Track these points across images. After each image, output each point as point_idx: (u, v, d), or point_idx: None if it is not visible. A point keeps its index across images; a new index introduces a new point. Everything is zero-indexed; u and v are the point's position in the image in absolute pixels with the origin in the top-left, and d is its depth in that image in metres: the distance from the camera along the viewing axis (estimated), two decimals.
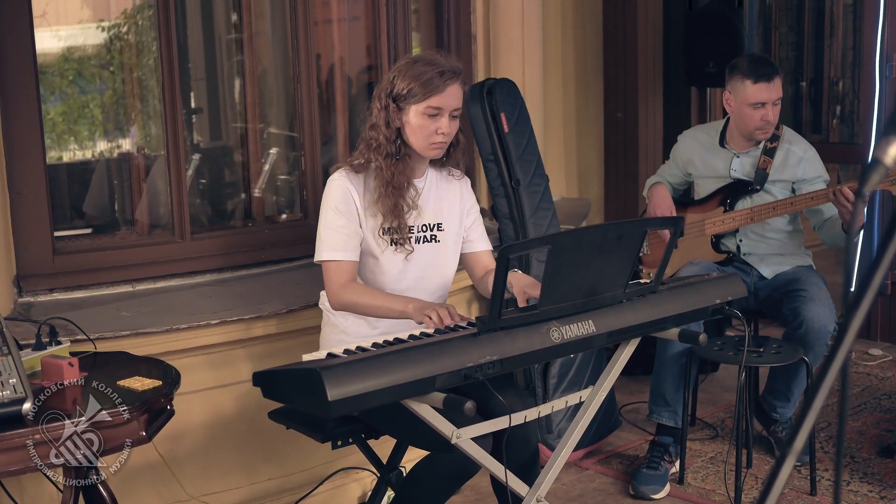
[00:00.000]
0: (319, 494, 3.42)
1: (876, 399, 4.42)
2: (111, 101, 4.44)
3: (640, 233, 2.53)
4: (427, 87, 2.71)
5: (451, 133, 2.78)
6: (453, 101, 2.75)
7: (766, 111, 3.70)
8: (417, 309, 2.59)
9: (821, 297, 3.60)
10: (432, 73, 2.71)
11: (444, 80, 2.72)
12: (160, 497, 3.12)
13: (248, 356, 3.26)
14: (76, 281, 3.22)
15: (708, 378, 4.72)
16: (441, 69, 2.72)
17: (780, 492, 1.06)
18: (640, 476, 3.62)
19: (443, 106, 2.73)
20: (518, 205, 3.90)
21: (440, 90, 2.71)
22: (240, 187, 4.10)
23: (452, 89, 2.74)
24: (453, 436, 2.39)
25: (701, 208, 3.93)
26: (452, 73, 2.74)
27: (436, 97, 2.72)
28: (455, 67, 2.77)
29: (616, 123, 5.39)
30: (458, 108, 2.78)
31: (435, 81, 2.71)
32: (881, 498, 3.44)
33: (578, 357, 3.84)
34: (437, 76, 2.71)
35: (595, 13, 5.32)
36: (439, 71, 2.72)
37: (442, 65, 2.74)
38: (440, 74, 2.71)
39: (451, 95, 2.74)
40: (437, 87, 2.71)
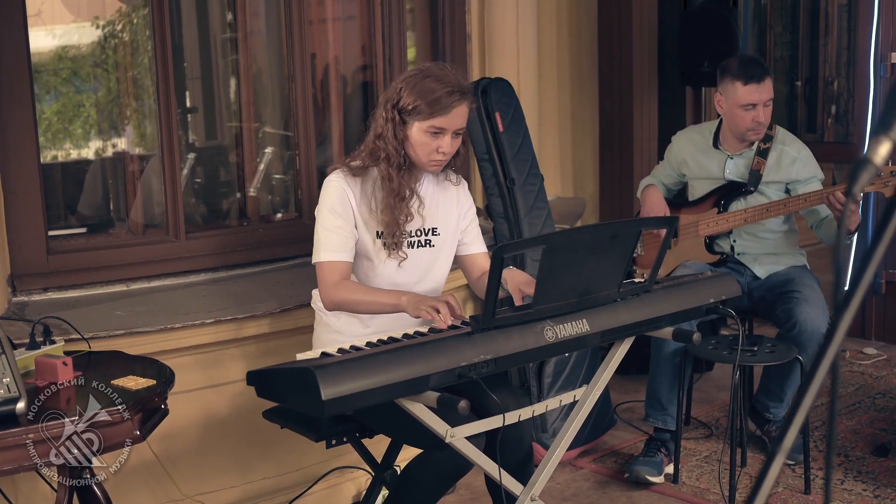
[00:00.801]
0: (314, 493, 3.42)
1: (870, 398, 4.43)
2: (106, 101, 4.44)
3: (634, 233, 2.53)
4: (433, 106, 2.67)
5: (451, 152, 2.77)
6: (458, 122, 2.72)
7: (757, 112, 3.71)
8: (412, 302, 2.58)
9: (814, 299, 3.61)
10: (440, 93, 2.67)
11: (451, 101, 2.68)
12: (154, 496, 3.12)
13: (242, 355, 3.26)
14: (70, 280, 3.22)
15: (702, 377, 4.72)
16: (450, 88, 2.68)
17: (769, 490, 1.06)
18: (637, 461, 3.66)
19: (446, 126, 2.71)
20: (513, 204, 3.90)
21: (446, 111, 2.68)
22: (234, 187, 4.10)
23: (458, 110, 2.70)
24: (447, 435, 2.39)
25: (695, 209, 3.94)
26: (461, 94, 2.70)
27: (440, 118, 2.69)
28: (464, 87, 2.72)
29: (611, 122, 5.39)
30: (463, 127, 2.75)
31: (442, 102, 2.67)
32: (875, 497, 3.45)
33: (573, 356, 3.85)
34: (444, 96, 2.67)
35: (590, 13, 5.32)
36: (448, 90, 2.68)
37: (451, 83, 2.69)
38: (448, 94, 2.67)
39: (456, 116, 2.71)
40: (443, 108, 2.67)
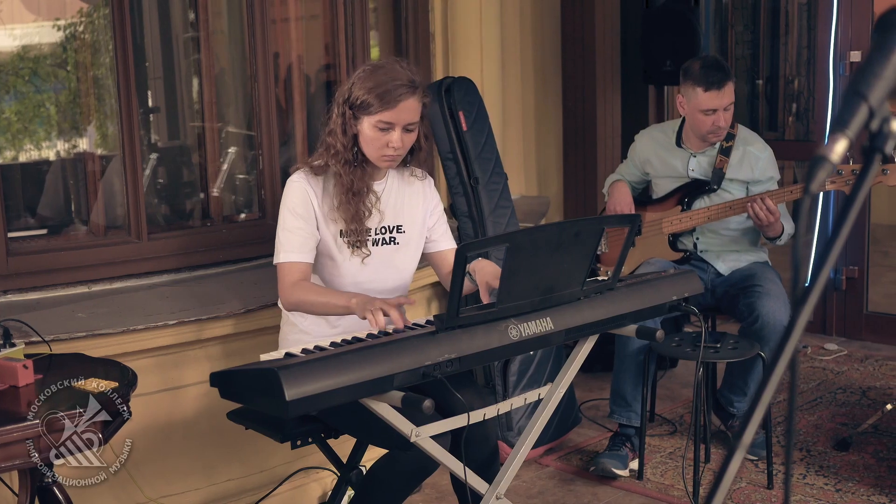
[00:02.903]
0: (280, 495, 3.41)
1: (831, 393, 4.48)
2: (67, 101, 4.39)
3: (597, 230, 2.54)
4: (381, 100, 2.67)
5: (403, 147, 2.75)
6: (407, 116, 2.71)
7: (717, 117, 3.74)
8: (360, 304, 2.56)
9: (776, 292, 3.65)
10: (389, 86, 2.66)
11: (399, 95, 2.67)
12: (118, 499, 3.09)
13: (205, 357, 3.24)
14: (31, 282, 3.19)
15: (666, 374, 4.75)
16: (398, 82, 2.67)
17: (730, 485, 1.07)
18: (602, 454, 3.68)
19: (395, 121, 2.69)
20: (477, 203, 3.91)
21: (392, 105, 2.67)
22: (197, 187, 4.07)
23: (407, 104, 2.69)
24: (412, 434, 2.39)
25: (658, 207, 3.96)
26: (409, 88, 2.69)
27: (388, 112, 2.68)
28: (413, 81, 2.71)
29: (575, 121, 5.41)
30: (414, 122, 2.74)
31: (389, 95, 2.66)
32: (836, 490, 3.48)
33: (538, 354, 3.86)
34: (392, 89, 2.66)
35: (553, 11, 5.34)
36: (396, 84, 2.67)
37: (399, 77, 2.68)
38: (396, 87, 2.66)
39: (404, 110, 2.69)
40: (390, 102, 2.66)
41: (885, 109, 1.11)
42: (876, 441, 3.87)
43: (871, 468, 3.65)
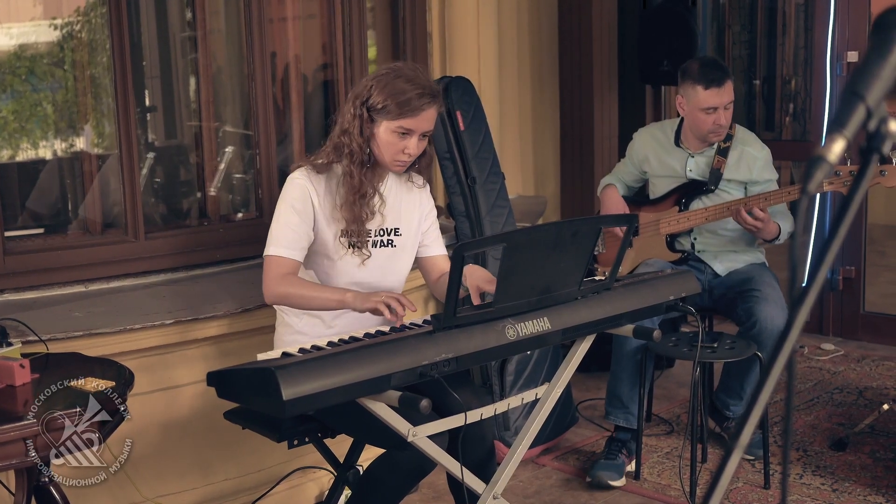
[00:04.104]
0: (276, 494, 3.41)
1: (828, 393, 4.48)
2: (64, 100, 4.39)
3: (594, 230, 2.54)
4: (403, 107, 2.67)
5: (417, 153, 2.76)
6: (425, 125, 2.72)
7: (717, 115, 3.74)
8: (359, 297, 2.57)
9: (774, 297, 3.64)
10: (411, 94, 2.67)
11: (422, 104, 2.68)
12: (115, 499, 3.09)
13: (202, 356, 3.24)
14: (27, 281, 3.18)
15: (663, 374, 4.75)
16: (420, 91, 2.68)
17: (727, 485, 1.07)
18: (598, 464, 3.66)
19: (414, 128, 2.70)
20: (474, 203, 3.90)
21: (415, 113, 2.68)
22: (194, 186, 4.07)
23: (427, 113, 2.70)
24: (409, 434, 2.39)
25: (656, 208, 3.96)
26: (431, 97, 2.70)
27: (409, 119, 2.68)
28: (435, 90, 2.73)
29: (572, 121, 5.42)
30: (430, 130, 2.75)
31: (412, 104, 2.67)
32: (833, 490, 3.49)
33: (535, 354, 3.86)
34: (415, 97, 2.67)
35: (550, 12, 5.34)
36: (418, 93, 2.67)
37: (422, 85, 2.69)
38: (419, 96, 2.67)
39: (424, 119, 2.71)
40: (413, 110, 2.67)
41: (883, 110, 1.11)
42: (872, 441, 3.87)
43: (868, 468, 3.65)
